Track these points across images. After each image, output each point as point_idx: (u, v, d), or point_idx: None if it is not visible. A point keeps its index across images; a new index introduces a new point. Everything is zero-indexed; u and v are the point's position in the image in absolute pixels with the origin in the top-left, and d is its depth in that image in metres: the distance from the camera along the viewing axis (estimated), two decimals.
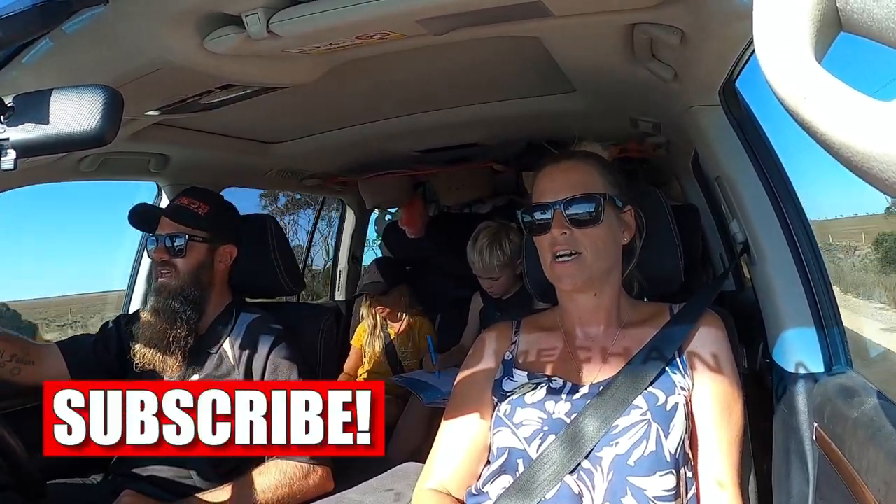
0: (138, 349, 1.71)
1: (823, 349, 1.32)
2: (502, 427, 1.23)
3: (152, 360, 1.70)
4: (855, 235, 7.79)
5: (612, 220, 1.28)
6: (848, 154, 0.43)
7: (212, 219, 1.79)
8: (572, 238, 1.26)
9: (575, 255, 1.26)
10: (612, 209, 1.28)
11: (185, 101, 1.53)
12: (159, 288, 1.75)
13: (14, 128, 0.82)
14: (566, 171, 1.31)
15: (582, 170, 1.30)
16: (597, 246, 1.26)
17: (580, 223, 1.26)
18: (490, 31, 1.35)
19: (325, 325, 1.98)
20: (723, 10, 1.08)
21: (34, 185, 1.81)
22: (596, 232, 1.26)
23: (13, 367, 1.67)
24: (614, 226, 1.29)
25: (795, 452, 1.25)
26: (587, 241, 1.26)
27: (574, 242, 1.26)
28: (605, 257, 1.28)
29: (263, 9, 1.15)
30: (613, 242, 1.29)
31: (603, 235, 1.27)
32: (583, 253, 1.26)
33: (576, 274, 1.27)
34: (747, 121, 1.56)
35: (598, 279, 1.29)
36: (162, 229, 1.77)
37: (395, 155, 2.73)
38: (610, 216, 1.28)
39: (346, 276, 3.71)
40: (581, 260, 1.26)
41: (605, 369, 1.26)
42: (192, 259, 1.75)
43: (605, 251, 1.27)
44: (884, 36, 0.44)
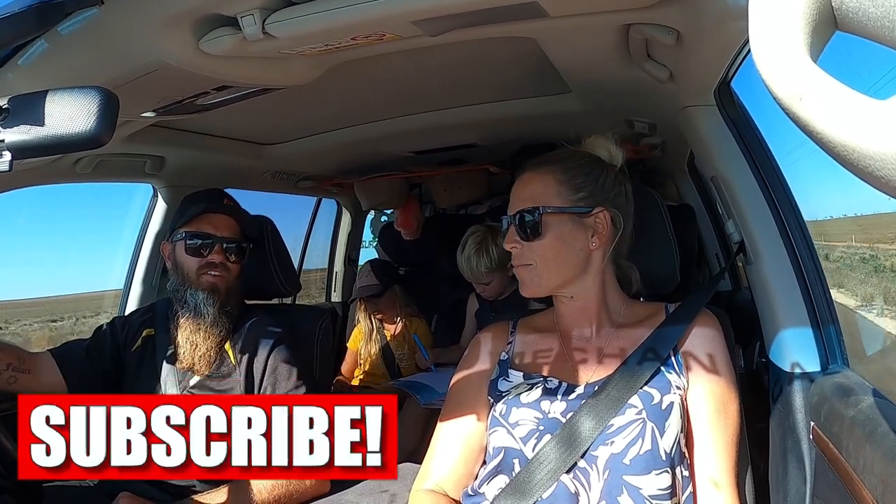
0: (179, 341, 1.74)
1: (820, 348, 1.32)
2: (498, 427, 1.23)
3: (188, 359, 1.73)
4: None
5: (564, 230, 1.28)
6: (844, 153, 0.43)
7: (253, 226, 1.85)
8: (521, 252, 1.30)
9: (527, 266, 1.30)
10: (560, 220, 1.28)
11: (180, 102, 1.53)
12: (212, 287, 1.74)
13: (9, 129, 0.82)
14: (522, 184, 1.34)
15: (536, 180, 1.32)
16: (546, 257, 1.28)
17: (527, 237, 1.29)
18: (485, 31, 1.35)
19: (321, 326, 1.98)
20: (718, 10, 1.08)
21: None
22: (541, 244, 1.28)
23: (9, 376, 1.66)
24: (566, 235, 1.29)
25: (792, 451, 1.25)
26: (534, 254, 1.29)
27: (522, 256, 1.31)
28: (558, 267, 1.29)
29: (259, 10, 1.15)
30: (569, 251, 1.29)
31: (551, 246, 1.28)
32: (532, 264, 1.29)
33: (527, 283, 1.31)
34: (743, 121, 1.56)
35: (561, 286, 1.31)
36: (218, 229, 1.76)
37: (391, 156, 2.73)
38: (558, 227, 1.28)
39: (342, 277, 3.71)
40: (532, 270, 1.30)
41: (600, 369, 1.26)
42: (239, 266, 1.80)
43: (555, 261, 1.29)
44: (879, 35, 0.44)
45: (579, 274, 1.31)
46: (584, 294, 1.32)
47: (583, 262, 1.31)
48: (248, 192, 2.76)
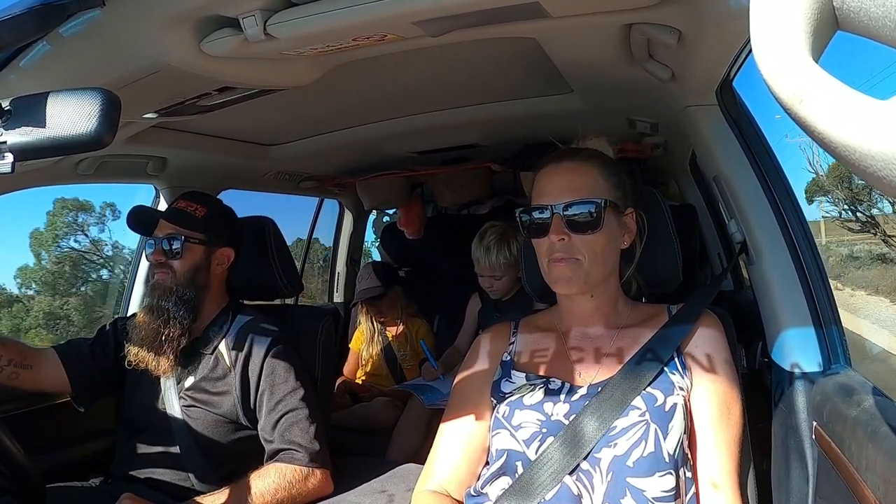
0: (131, 347, 1.71)
1: (822, 348, 1.32)
2: (501, 429, 1.23)
3: (145, 359, 1.69)
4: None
5: (613, 226, 1.26)
6: (846, 153, 0.43)
7: (209, 222, 1.79)
8: (570, 244, 1.24)
9: (573, 261, 1.25)
10: (612, 214, 1.26)
11: (182, 103, 1.53)
12: (153, 286, 1.75)
13: (11, 131, 0.82)
14: (567, 173, 1.28)
15: (584, 171, 1.27)
16: (595, 252, 1.24)
17: (579, 229, 1.24)
18: (487, 32, 1.35)
19: (323, 327, 1.98)
20: (719, 9, 1.08)
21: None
22: (595, 238, 1.24)
23: (11, 371, 1.67)
24: (614, 231, 1.27)
25: (795, 451, 1.25)
26: (585, 248, 1.24)
27: (571, 249, 1.24)
28: (603, 263, 1.27)
29: (260, 11, 1.15)
30: (612, 248, 1.28)
31: (602, 242, 1.25)
32: (580, 259, 1.24)
33: (572, 279, 1.25)
34: (744, 120, 1.56)
35: (594, 284, 1.28)
36: (160, 231, 1.76)
37: (393, 156, 2.73)
38: (610, 221, 1.25)
39: (344, 277, 3.71)
40: (578, 265, 1.24)
41: (602, 370, 1.26)
42: (188, 260, 1.75)
43: (602, 257, 1.26)
44: (881, 35, 0.44)
45: (610, 273, 1.30)
46: (604, 293, 1.31)
47: (617, 260, 1.30)
48: (250, 193, 2.77)
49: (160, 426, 1.72)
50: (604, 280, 1.30)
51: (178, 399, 1.72)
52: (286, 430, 1.66)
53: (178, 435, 1.70)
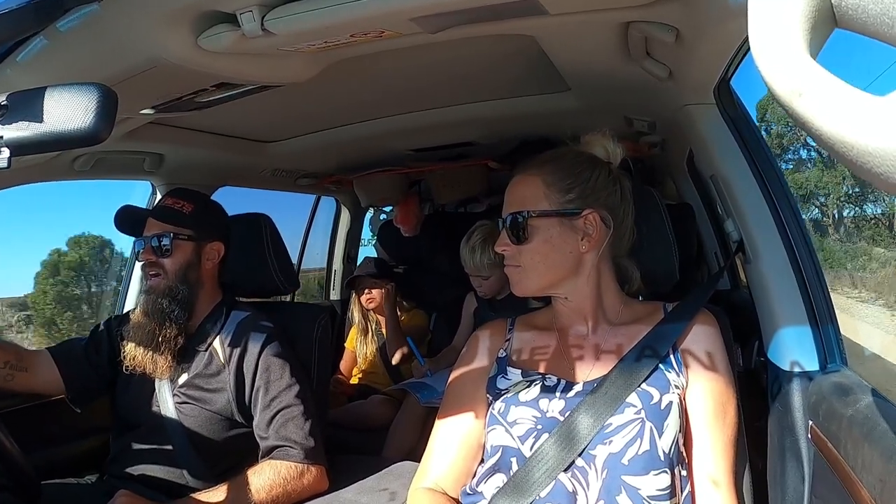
0: (128, 350, 1.70)
1: (818, 347, 1.32)
2: (496, 425, 1.23)
3: (142, 362, 1.69)
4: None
5: (550, 234, 1.29)
6: (844, 150, 0.43)
7: (196, 217, 1.78)
8: (512, 253, 1.32)
9: (518, 268, 1.31)
10: (548, 223, 1.29)
11: (179, 99, 1.53)
12: (149, 289, 1.74)
13: (7, 126, 0.82)
14: (513, 185, 1.35)
15: (526, 183, 1.33)
16: (533, 260, 1.30)
17: (516, 240, 1.30)
18: (485, 29, 1.35)
19: (319, 324, 1.98)
20: (717, 7, 1.08)
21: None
22: (529, 248, 1.29)
23: (7, 373, 1.67)
24: (554, 239, 1.29)
25: (791, 451, 1.25)
26: (522, 257, 1.30)
27: (513, 257, 1.32)
28: (546, 270, 1.30)
29: (258, 6, 1.15)
30: (557, 254, 1.29)
31: (538, 250, 1.29)
32: (521, 266, 1.31)
33: (518, 283, 1.33)
34: (742, 119, 1.56)
35: (550, 287, 1.33)
36: (148, 230, 1.76)
37: (390, 154, 2.73)
38: (545, 230, 1.29)
39: (340, 275, 3.71)
40: (521, 272, 1.31)
41: (598, 367, 1.26)
42: (178, 258, 1.74)
43: (543, 264, 1.30)
44: (879, 32, 0.44)
45: (570, 275, 1.31)
46: (577, 294, 1.33)
47: (573, 263, 1.31)
48: (247, 190, 2.76)
49: (154, 423, 1.72)
50: (565, 282, 1.32)
51: (172, 396, 1.72)
52: (281, 427, 1.66)
53: (172, 432, 1.70)
